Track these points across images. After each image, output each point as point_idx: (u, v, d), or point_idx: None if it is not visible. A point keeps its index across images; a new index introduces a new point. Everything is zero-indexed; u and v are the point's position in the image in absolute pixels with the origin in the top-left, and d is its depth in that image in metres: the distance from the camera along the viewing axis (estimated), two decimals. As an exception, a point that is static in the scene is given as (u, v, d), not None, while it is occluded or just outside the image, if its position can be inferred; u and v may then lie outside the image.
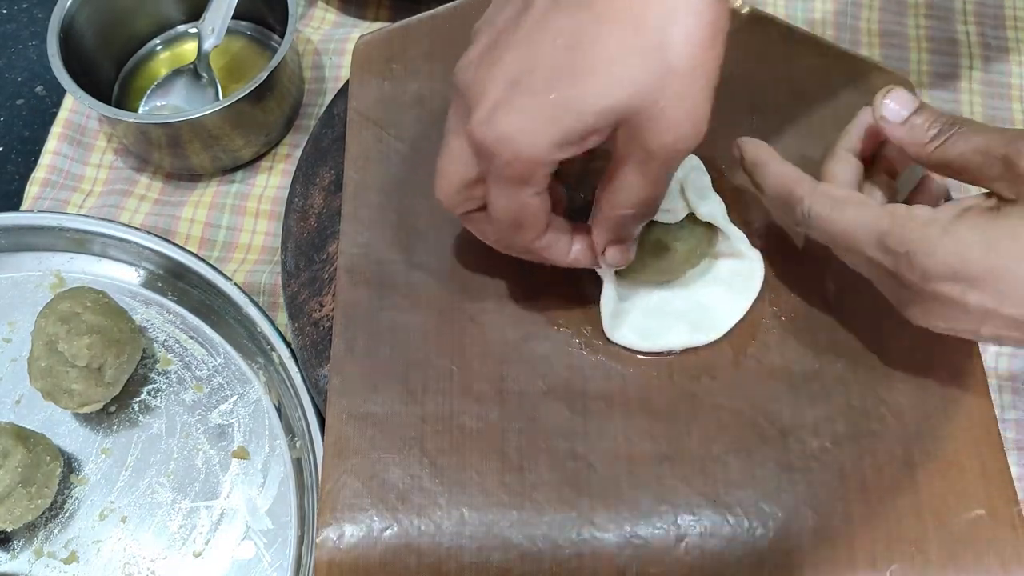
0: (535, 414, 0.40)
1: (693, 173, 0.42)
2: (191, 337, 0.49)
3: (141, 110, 0.56)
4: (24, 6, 0.63)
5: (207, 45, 0.55)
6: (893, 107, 0.37)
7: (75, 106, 0.57)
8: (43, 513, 0.44)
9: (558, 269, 0.39)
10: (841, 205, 0.36)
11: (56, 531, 0.45)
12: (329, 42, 0.60)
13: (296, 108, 0.57)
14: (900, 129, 0.37)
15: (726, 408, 0.40)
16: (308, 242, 0.48)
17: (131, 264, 0.51)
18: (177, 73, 0.56)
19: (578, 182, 0.42)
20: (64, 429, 0.47)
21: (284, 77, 0.54)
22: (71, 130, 0.56)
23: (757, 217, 0.44)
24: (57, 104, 0.57)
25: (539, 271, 0.44)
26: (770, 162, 0.40)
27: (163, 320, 0.49)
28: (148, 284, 0.51)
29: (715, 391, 0.41)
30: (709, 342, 0.41)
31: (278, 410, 0.47)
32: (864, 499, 0.38)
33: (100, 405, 0.45)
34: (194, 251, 0.50)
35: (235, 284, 0.48)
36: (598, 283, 0.41)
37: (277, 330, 0.47)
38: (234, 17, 0.55)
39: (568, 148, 0.32)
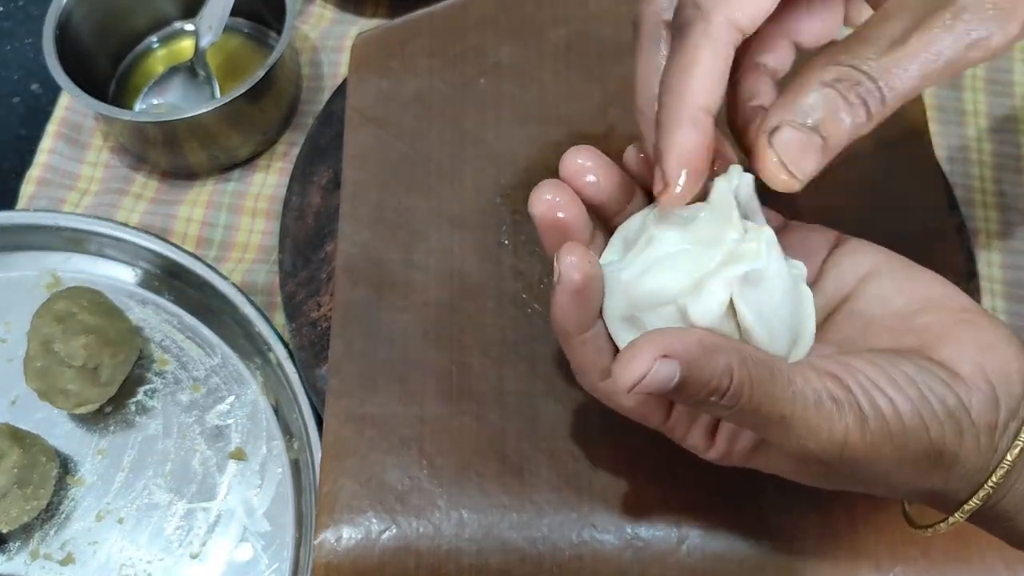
0: (535, 414, 0.40)
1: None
2: (188, 337, 0.49)
3: (137, 108, 0.55)
4: (20, 3, 0.62)
5: (204, 42, 0.54)
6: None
7: (71, 104, 0.57)
8: (39, 514, 0.44)
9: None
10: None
11: (52, 532, 0.44)
12: (327, 39, 0.59)
13: (294, 106, 0.57)
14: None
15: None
16: (306, 241, 0.48)
17: (127, 263, 0.50)
18: (174, 71, 0.56)
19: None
20: (60, 430, 0.46)
21: (282, 75, 0.53)
22: (67, 128, 0.56)
23: None
24: (53, 102, 0.57)
25: (537, 271, 0.43)
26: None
27: (160, 320, 0.49)
28: (145, 283, 0.50)
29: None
30: None
31: (276, 411, 0.47)
32: (868, 500, 0.38)
33: (96, 406, 0.45)
34: (191, 250, 0.49)
35: (232, 284, 0.48)
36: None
37: (274, 330, 0.46)
38: (231, 14, 0.54)
39: None
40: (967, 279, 0.46)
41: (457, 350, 0.41)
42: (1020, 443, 0.28)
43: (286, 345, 0.46)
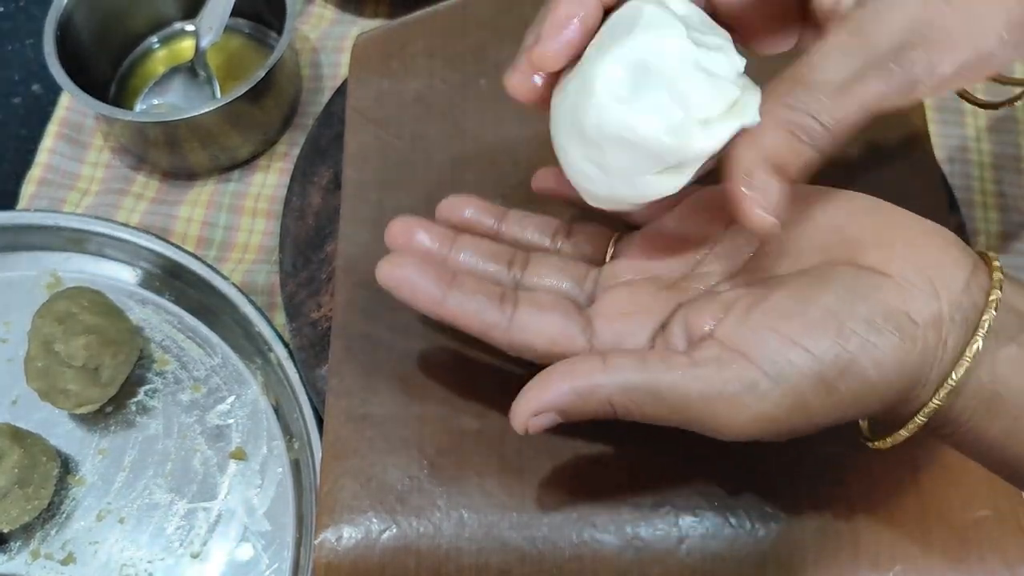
0: (535, 414, 0.40)
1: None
2: (188, 337, 0.49)
3: (138, 108, 0.55)
4: (20, 4, 0.62)
5: (204, 43, 0.54)
6: None
7: (72, 104, 0.57)
8: (40, 514, 0.44)
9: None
10: None
11: (53, 532, 0.44)
12: (327, 40, 0.59)
13: (294, 106, 0.57)
14: None
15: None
16: (306, 241, 0.48)
17: (128, 264, 0.51)
18: (174, 71, 0.56)
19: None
20: (61, 430, 0.46)
21: (282, 75, 0.53)
22: (68, 128, 0.56)
23: None
24: (54, 102, 0.57)
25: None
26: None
27: (160, 320, 0.49)
28: (145, 284, 0.50)
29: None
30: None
31: (276, 411, 0.47)
32: (868, 500, 0.38)
33: (97, 405, 0.45)
34: (191, 250, 0.50)
35: (232, 284, 0.48)
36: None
37: (275, 330, 0.46)
38: (232, 14, 0.54)
39: None
40: (967, 279, 0.46)
41: (457, 350, 0.41)
42: (978, 338, 0.28)
43: (286, 345, 0.46)
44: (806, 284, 0.29)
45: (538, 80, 0.32)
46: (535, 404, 0.30)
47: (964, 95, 0.39)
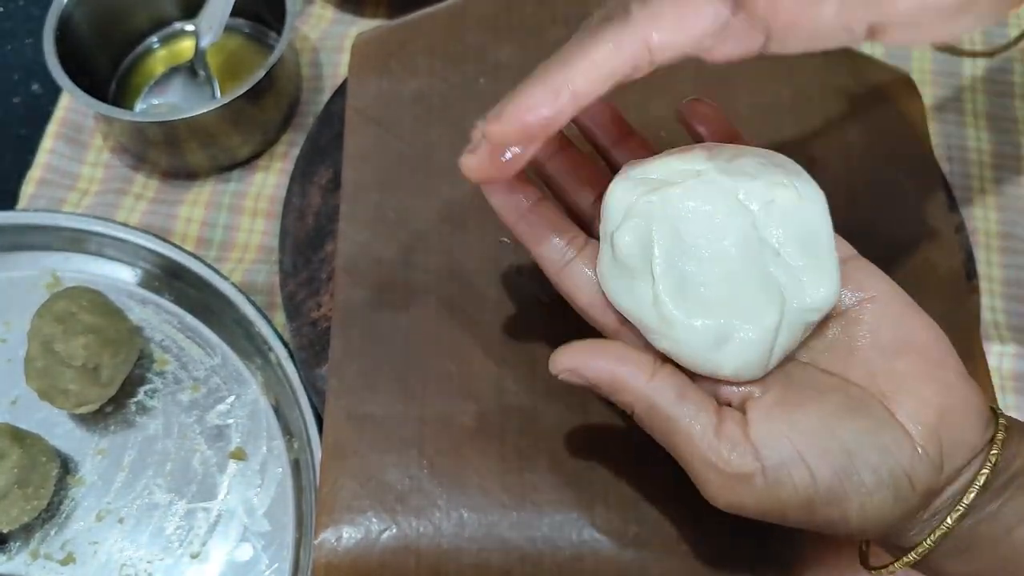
0: (535, 414, 0.40)
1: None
2: (188, 337, 0.49)
3: (138, 108, 0.55)
4: (20, 3, 0.62)
5: (204, 43, 0.54)
6: None
7: (71, 104, 0.57)
8: (39, 514, 0.44)
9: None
10: None
11: (53, 532, 0.44)
12: (327, 39, 0.59)
13: (294, 106, 0.57)
14: None
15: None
16: (306, 241, 0.48)
17: (128, 263, 0.51)
18: (174, 71, 0.56)
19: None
20: (60, 430, 0.46)
21: (282, 75, 0.53)
22: (67, 128, 0.56)
23: None
24: (53, 102, 0.57)
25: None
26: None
27: (160, 320, 0.49)
28: (145, 283, 0.50)
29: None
30: None
31: (276, 410, 0.47)
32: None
33: (97, 405, 0.45)
34: (191, 250, 0.50)
35: (232, 284, 0.48)
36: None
37: (275, 330, 0.46)
38: (232, 14, 0.54)
39: None
40: (967, 279, 0.46)
41: (457, 350, 0.41)
42: (961, 508, 0.30)
43: (286, 345, 0.46)
44: (840, 409, 0.30)
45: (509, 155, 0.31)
46: (575, 365, 0.32)
47: (951, 49, 0.39)
